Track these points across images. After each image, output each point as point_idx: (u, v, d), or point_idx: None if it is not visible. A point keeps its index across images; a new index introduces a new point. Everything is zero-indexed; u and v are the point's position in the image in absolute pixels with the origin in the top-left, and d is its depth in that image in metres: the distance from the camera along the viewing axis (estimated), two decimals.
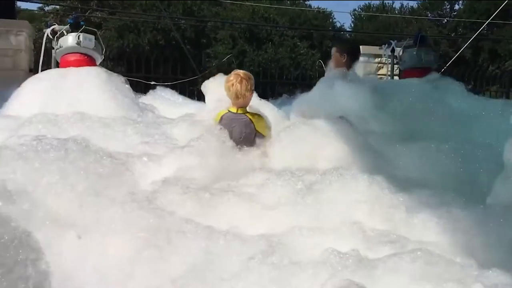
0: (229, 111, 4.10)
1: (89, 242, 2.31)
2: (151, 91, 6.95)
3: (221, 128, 3.87)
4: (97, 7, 24.67)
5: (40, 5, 25.72)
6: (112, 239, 2.32)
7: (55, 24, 6.75)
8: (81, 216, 2.49)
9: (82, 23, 6.39)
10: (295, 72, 18.00)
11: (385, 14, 28.14)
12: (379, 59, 10.22)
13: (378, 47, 9.32)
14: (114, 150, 3.43)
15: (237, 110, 4.07)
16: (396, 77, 8.45)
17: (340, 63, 5.25)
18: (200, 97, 5.97)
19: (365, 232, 2.52)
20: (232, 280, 2.08)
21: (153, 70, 11.07)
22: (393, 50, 7.91)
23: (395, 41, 8.03)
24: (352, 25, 30.90)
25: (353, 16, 30.73)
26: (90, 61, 6.13)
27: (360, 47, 11.23)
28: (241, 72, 4.21)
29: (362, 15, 30.10)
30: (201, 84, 5.21)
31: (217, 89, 4.48)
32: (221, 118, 4.08)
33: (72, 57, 6.08)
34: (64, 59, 6.14)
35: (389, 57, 8.30)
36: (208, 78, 5.85)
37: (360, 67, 10.66)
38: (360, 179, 2.80)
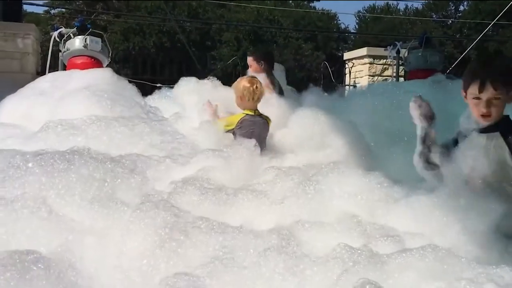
0: (247, 114, 4.10)
1: (108, 244, 2.36)
2: (157, 92, 6.98)
3: (241, 132, 3.97)
4: (103, 10, 24.81)
5: (46, 8, 25.94)
6: (130, 239, 2.36)
7: (62, 27, 6.81)
8: (97, 221, 2.54)
9: (88, 26, 6.42)
10: (300, 74, 18.06)
11: (389, 16, 28.11)
12: (384, 60, 10.25)
13: (383, 49, 9.36)
14: (124, 153, 3.46)
15: (255, 112, 4.11)
16: (401, 79, 8.46)
17: (259, 69, 5.43)
18: None
19: (368, 226, 2.55)
20: (254, 267, 2.18)
21: (158, 72, 11.14)
22: (398, 52, 7.92)
23: (400, 42, 8.05)
24: (357, 27, 30.94)
25: (357, 18, 30.77)
26: (97, 64, 6.16)
27: (365, 48, 11.35)
28: (251, 76, 4.35)
29: (366, 17, 30.09)
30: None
31: (192, 93, 4.65)
32: (241, 121, 4.07)
33: (79, 60, 6.12)
34: (71, 62, 6.18)
35: (394, 59, 8.32)
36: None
37: (365, 69, 10.71)
38: (361, 176, 2.86)
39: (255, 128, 4.02)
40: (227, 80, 11.43)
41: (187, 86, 4.84)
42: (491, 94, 2.39)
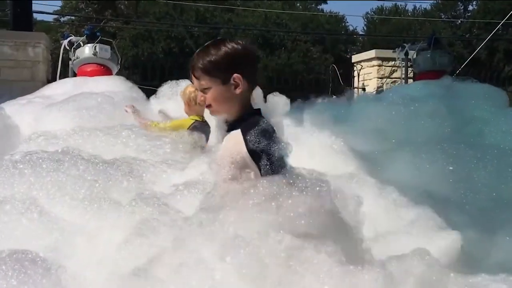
0: (196, 121, 4.18)
1: (98, 243, 2.35)
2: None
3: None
4: (112, 16, 25.01)
5: (56, 16, 26.20)
6: (121, 238, 2.34)
7: (72, 35, 6.89)
8: (88, 221, 2.54)
9: (98, 34, 6.50)
10: (308, 77, 18.04)
11: (398, 17, 28.00)
12: (393, 62, 10.23)
13: (391, 51, 9.34)
14: (121, 156, 3.49)
15: (202, 119, 4.20)
16: (410, 80, 8.43)
17: None
18: None
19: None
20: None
21: (167, 78, 11.18)
22: (406, 53, 7.90)
23: (409, 44, 8.03)
24: (365, 28, 30.84)
25: (365, 19, 30.68)
26: (106, 71, 6.24)
27: (374, 50, 11.32)
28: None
29: (375, 18, 30.00)
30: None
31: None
32: (192, 128, 4.12)
33: (89, 68, 6.21)
34: (81, 70, 6.26)
35: (403, 60, 8.30)
36: None
37: (374, 71, 10.69)
38: (368, 190, 2.84)
39: (205, 135, 4.07)
40: None
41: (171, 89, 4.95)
42: (196, 83, 2.11)
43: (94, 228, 2.47)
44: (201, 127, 4.15)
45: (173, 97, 4.90)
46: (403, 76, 8.48)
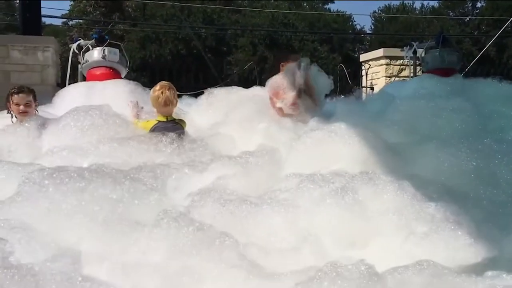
0: (159, 121, 4.44)
1: (130, 262, 2.36)
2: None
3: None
4: (120, 19, 25.13)
5: (64, 20, 26.38)
6: (153, 256, 2.37)
7: (80, 39, 6.92)
8: (114, 241, 2.55)
9: (106, 37, 6.52)
10: None
11: (405, 15, 27.86)
12: (401, 61, 10.17)
13: (399, 50, 9.29)
14: (138, 165, 3.50)
15: (167, 118, 4.44)
16: None
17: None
18: None
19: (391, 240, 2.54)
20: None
21: (176, 80, 11.22)
22: (415, 52, 7.86)
23: (417, 42, 7.98)
24: (373, 27, 30.74)
25: (373, 18, 30.57)
26: (115, 74, 6.24)
27: (382, 49, 11.26)
28: (166, 82, 4.61)
29: (382, 17, 29.88)
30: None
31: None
32: (153, 128, 4.39)
33: (98, 71, 6.21)
34: (90, 73, 6.28)
35: (411, 59, 8.25)
36: (230, 85, 5.99)
37: (382, 70, 10.63)
38: (389, 185, 2.82)
39: (169, 133, 4.26)
40: (244, 84, 11.48)
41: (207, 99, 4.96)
42: None
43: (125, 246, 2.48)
44: (163, 126, 4.40)
45: (210, 108, 4.91)
46: (412, 74, 8.42)
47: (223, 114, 4.64)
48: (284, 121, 4.43)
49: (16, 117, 4.81)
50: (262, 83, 5.41)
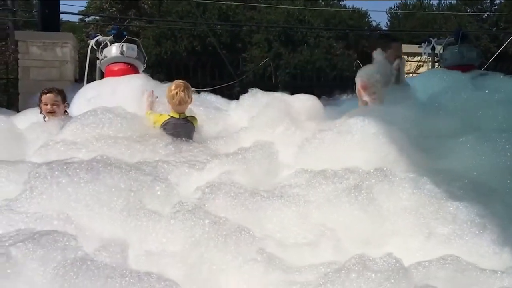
0: (172, 117, 4.64)
1: (151, 251, 2.40)
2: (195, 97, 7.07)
3: (167, 132, 4.46)
4: (135, 16, 25.26)
5: (81, 16, 26.60)
6: (171, 246, 2.40)
7: (99, 35, 7.00)
8: (133, 232, 2.58)
9: (124, 33, 6.59)
10: (331, 73, 17.91)
11: (422, 11, 27.55)
12: (419, 57, 10.08)
13: (417, 46, 9.19)
14: (152, 159, 3.52)
15: (180, 115, 4.65)
16: None
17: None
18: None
19: (408, 238, 2.51)
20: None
21: (192, 76, 11.24)
22: (433, 48, 7.78)
23: (435, 39, 7.90)
24: (389, 24, 30.45)
25: (389, 15, 30.27)
26: (133, 70, 6.32)
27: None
28: (182, 82, 4.77)
29: (398, 13, 29.58)
30: (239, 89, 5.47)
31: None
32: (165, 123, 4.60)
33: (116, 67, 6.30)
34: (108, 69, 6.36)
35: (429, 55, 8.17)
36: (245, 82, 5.98)
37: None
38: (406, 182, 2.79)
39: (181, 130, 4.54)
40: (260, 81, 11.44)
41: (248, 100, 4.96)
42: None
43: (143, 237, 2.52)
44: (175, 122, 4.60)
45: (250, 109, 4.95)
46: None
47: (262, 121, 4.61)
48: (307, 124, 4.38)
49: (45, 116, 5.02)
50: (277, 80, 5.41)
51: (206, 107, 5.44)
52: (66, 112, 5.13)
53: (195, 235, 2.43)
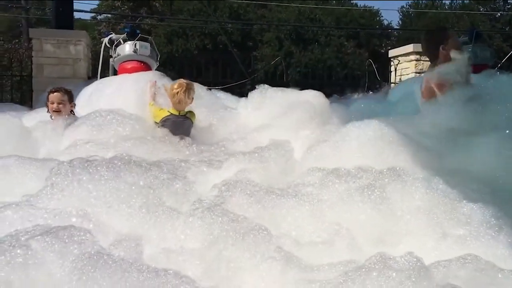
0: (171, 114, 4.72)
1: (169, 248, 2.42)
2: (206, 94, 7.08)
3: (165, 128, 4.59)
4: (147, 14, 25.38)
5: (93, 14, 26.80)
6: (190, 243, 2.43)
7: (112, 33, 7.03)
8: (152, 229, 2.61)
9: (138, 31, 6.61)
10: (342, 72, 17.86)
11: (434, 10, 27.36)
12: None
13: None
14: (169, 158, 3.56)
15: (179, 113, 4.74)
16: None
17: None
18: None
19: (420, 236, 2.51)
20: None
21: (204, 74, 11.28)
22: None
23: None
24: (400, 23, 30.28)
25: (401, 13, 30.11)
26: (146, 68, 6.33)
27: (411, 45, 11.10)
28: (185, 82, 4.82)
29: (410, 12, 29.41)
30: (250, 87, 5.45)
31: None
32: (164, 119, 4.69)
33: (129, 65, 6.31)
34: (121, 67, 6.38)
35: None
36: (256, 80, 5.99)
37: (411, 66, 10.46)
38: (419, 182, 2.78)
39: (179, 127, 4.63)
40: (271, 80, 11.44)
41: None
42: None
43: (161, 235, 2.55)
44: (174, 120, 4.69)
45: (259, 106, 4.94)
46: None
47: (273, 117, 4.60)
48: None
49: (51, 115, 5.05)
50: (288, 79, 5.39)
51: (215, 104, 5.45)
52: (73, 112, 5.14)
53: (213, 232, 2.45)
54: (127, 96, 5.18)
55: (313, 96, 4.83)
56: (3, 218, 2.54)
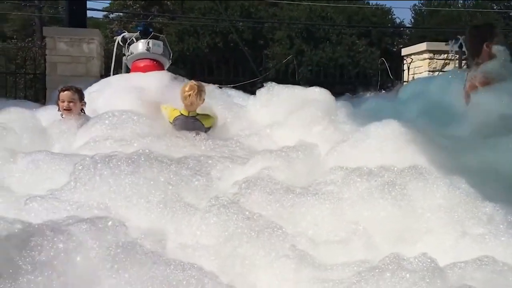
0: (181, 114, 4.86)
1: (186, 243, 2.44)
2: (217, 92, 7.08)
3: (176, 128, 4.73)
4: (158, 12, 25.48)
5: (105, 13, 26.96)
6: (205, 239, 2.44)
7: (125, 32, 7.07)
8: (169, 224, 2.64)
9: (150, 30, 6.64)
10: (354, 70, 17.78)
11: (447, 8, 27.12)
12: (445, 55, 9.94)
13: (443, 43, 9.07)
14: (189, 154, 3.57)
15: (188, 113, 4.85)
16: None
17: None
18: None
19: (441, 236, 2.49)
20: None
21: (215, 73, 11.29)
22: (460, 46, 7.67)
23: (464, 36, 7.76)
24: (413, 21, 30.07)
25: (413, 11, 29.88)
26: (159, 66, 6.37)
27: (425, 43, 11.02)
28: (195, 84, 4.91)
29: (423, 10, 29.18)
30: (261, 85, 5.44)
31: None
32: (175, 119, 4.84)
33: (142, 63, 6.35)
34: (134, 65, 6.41)
35: (456, 53, 8.05)
36: (268, 79, 5.98)
37: (425, 64, 10.38)
38: (441, 181, 2.75)
39: (188, 127, 4.70)
40: (282, 78, 11.43)
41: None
42: None
43: (178, 229, 2.57)
44: (184, 120, 4.83)
45: (267, 103, 4.94)
46: (457, 69, 8.21)
47: (282, 114, 4.62)
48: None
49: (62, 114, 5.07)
50: (299, 77, 5.38)
51: (226, 102, 5.47)
52: (83, 110, 5.15)
53: (228, 229, 2.47)
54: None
55: (319, 93, 4.83)
56: (29, 210, 2.66)
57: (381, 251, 2.39)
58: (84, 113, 5.15)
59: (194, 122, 4.84)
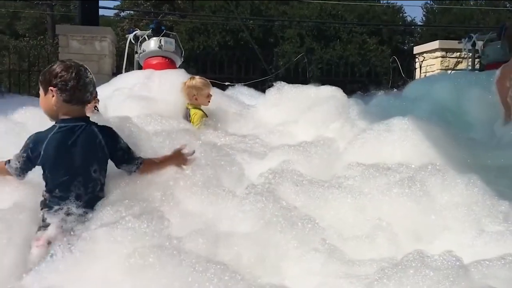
0: (204, 112, 4.85)
1: (222, 229, 2.49)
2: (230, 89, 7.10)
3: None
4: (169, 10, 25.55)
5: (116, 11, 27.09)
6: (241, 226, 2.47)
7: (137, 29, 7.09)
8: (209, 207, 2.69)
9: (163, 27, 6.65)
10: (364, 69, 17.69)
11: (459, 6, 26.89)
12: (458, 53, 9.86)
13: (456, 42, 8.97)
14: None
15: (187, 106, 4.90)
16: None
17: None
18: None
19: (458, 235, 2.48)
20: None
21: (226, 71, 11.30)
22: (474, 44, 7.59)
23: (477, 34, 7.70)
24: (424, 19, 29.87)
25: (424, 10, 29.67)
26: (171, 64, 6.37)
27: (437, 41, 10.93)
28: (204, 79, 4.99)
29: (434, 8, 28.96)
30: (272, 84, 5.43)
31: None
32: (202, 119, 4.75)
33: (154, 61, 6.36)
34: (147, 63, 6.43)
35: (469, 51, 7.96)
36: (278, 77, 5.94)
37: (437, 63, 10.30)
38: (459, 178, 2.75)
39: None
40: (293, 76, 11.39)
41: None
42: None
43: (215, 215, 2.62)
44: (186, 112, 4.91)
45: (276, 102, 4.93)
46: (469, 67, 8.12)
47: (294, 113, 4.63)
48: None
49: None
50: (310, 75, 5.35)
51: (236, 100, 5.50)
52: (96, 108, 5.15)
53: (264, 217, 2.51)
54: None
55: (331, 91, 4.82)
56: None
57: (402, 247, 2.40)
58: (98, 110, 5.16)
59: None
